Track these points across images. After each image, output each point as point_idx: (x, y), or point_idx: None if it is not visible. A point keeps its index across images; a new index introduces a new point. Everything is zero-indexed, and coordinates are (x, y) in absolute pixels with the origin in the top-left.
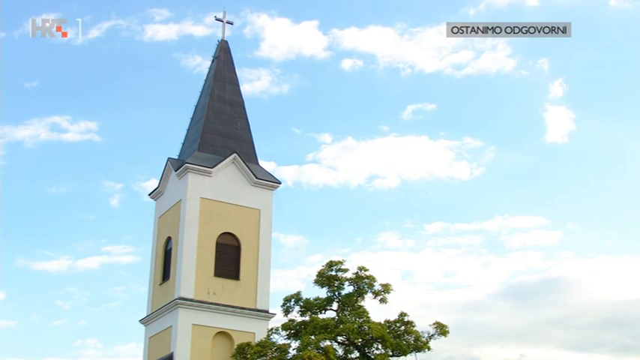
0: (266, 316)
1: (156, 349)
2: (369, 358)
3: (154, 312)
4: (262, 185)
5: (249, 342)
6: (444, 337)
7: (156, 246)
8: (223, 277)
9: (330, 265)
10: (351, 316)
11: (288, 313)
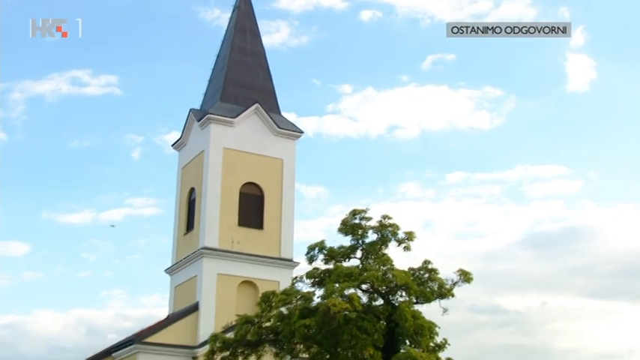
0: (290, 265)
1: (181, 299)
2: (393, 305)
3: (178, 262)
4: (284, 135)
5: (273, 290)
6: (467, 284)
7: (179, 196)
8: (247, 227)
9: (353, 214)
10: (375, 263)
11: (312, 261)
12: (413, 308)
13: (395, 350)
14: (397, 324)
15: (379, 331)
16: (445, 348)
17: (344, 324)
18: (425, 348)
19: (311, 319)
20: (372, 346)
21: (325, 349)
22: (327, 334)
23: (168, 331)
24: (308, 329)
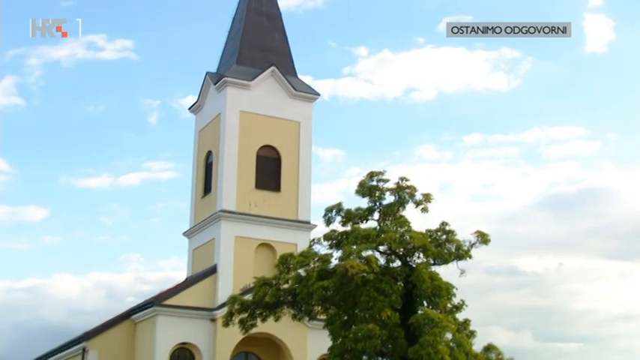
0: (307, 227)
1: (199, 261)
2: (411, 266)
3: (196, 225)
4: (301, 97)
5: (291, 252)
6: (485, 245)
7: (197, 160)
8: (264, 190)
9: (371, 176)
10: (393, 225)
11: (329, 223)
12: (430, 270)
13: (412, 311)
14: (415, 285)
15: (397, 292)
16: (462, 309)
17: (362, 285)
18: (442, 309)
19: (329, 281)
20: (389, 308)
21: (343, 311)
22: (344, 296)
23: (186, 294)
24: (326, 291)
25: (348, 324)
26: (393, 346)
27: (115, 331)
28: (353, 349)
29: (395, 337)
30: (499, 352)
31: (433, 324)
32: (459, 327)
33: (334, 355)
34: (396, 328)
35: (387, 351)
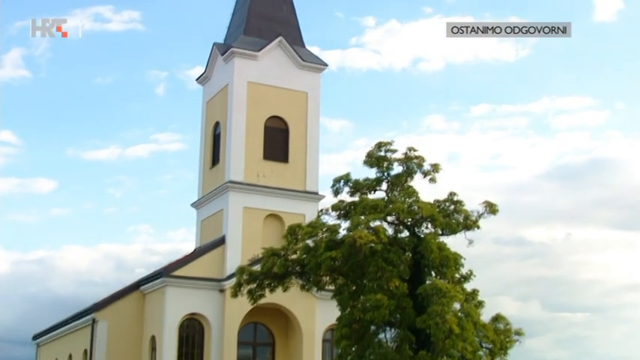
0: (315, 198)
1: (208, 232)
2: (419, 237)
3: (204, 196)
4: (309, 68)
5: (299, 223)
6: (493, 215)
7: (204, 131)
8: (272, 160)
9: (379, 146)
10: (401, 196)
11: (337, 194)
12: (438, 240)
13: (420, 281)
14: (423, 255)
15: (405, 262)
16: (470, 279)
17: (370, 256)
18: (450, 279)
19: (337, 252)
20: (397, 278)
21: (351, 281)
22: (353, 266)
23: (195, 265)
24: (334, 261)
25: (356, 294)
26: (401, 316)
27: (124, 302)
28: (361, 319)
29: (403, 307)
30: (507, 322)
31: (441, 294)
32: (467, 297)
33: (342, 325)
34: (404, 298)
35: (395, 321)
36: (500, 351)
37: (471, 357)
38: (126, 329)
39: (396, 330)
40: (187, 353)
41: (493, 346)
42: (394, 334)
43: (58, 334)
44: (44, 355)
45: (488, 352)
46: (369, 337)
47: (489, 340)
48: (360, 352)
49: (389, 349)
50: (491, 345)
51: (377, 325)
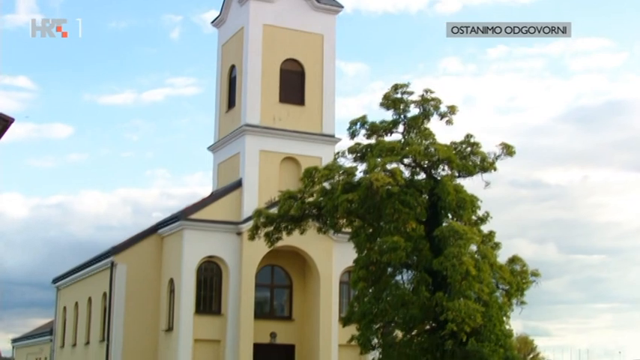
0: (332, 141)
1: (225, 176)
2: (436, 179)
3: (221, 139)
4: (324, 10)
5: (316, 166)
6: (510, 157)
7: (220, 74)
8: (288, 103)
9: (395, 88)
10: (417, 138)
11: (354, 136)
12: (455, 182)
13: (437, 223)
14: (439, 198)
15: (421, 204)
16: (487, 221)
17: (386, 198)
18: (467, 221)
19: (354, 194)
20: (414, 220)
21: (368, 223)
22: (369, 208)
23: (212, 208)
24: (351, 204)
25: (373, 236)
26: (417, 257)
27: (143, 245)
28: (378, 261)
29: (420, 249)
30: (524, 264)
31: (458, 236)
32: (483, 239)
33: (359, 267)
34: (420, 240)
35: (411, 263)
36: (516, 292)
37: (487, 298)
38: (144, 272)
39: (412, 272)
40: (205, 296)
41: (509, 288)
42: (411, 276)
43: (77, 277)
44: (64, 299)
45: (505, 293)
46: (385, 278)
47: (506, 282)
48: (377, 294)
49: (405, 290)
50: (508, 286)
51: (394, 267)
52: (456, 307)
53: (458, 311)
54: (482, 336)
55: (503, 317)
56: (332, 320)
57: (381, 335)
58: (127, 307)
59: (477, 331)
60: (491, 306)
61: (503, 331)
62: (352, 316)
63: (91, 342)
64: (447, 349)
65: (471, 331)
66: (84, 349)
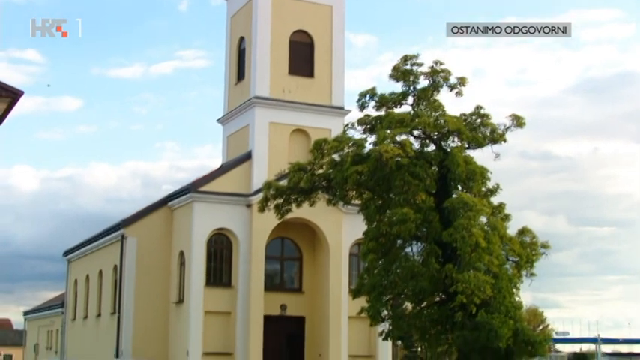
0: (341, 113)
1: (234, 148)
2: (445, 151)
3: (230, 111)
4: None
5: (325, 138)
6: (520, 128)
7: (229, 46)
8: (298, 75)
9: (405, 60)
10: (427, 109)
11: (363, 108)
12: (465, 154)
13: (447, 195)
14: (449, 169)
15: (431, 176)
16: (497, 193)
17: (396, 170)
18: (477, 193)
19: (363, 166)
20: (424, 192)
21: (377, 195)
22: (379, 181)
23: (222, 180)
24: (360, 176)
25: (382, 208)
26: (427, 229)
27: (153, 217)
28: (388, 233)
29: (429, 220)
30: (533, 236)
31: (467, 207)
32: (493, 211)
33: (369, 239)
34: (430, 212)
35: (421, 235)
36: (526, 264)
37: (497, 270)
38: (154, 245)
39: (422, 244)
40: (215, 268)
41: (519, 259)
42: (420, 248)
43: (88, 250)
44: (75, 271)
45: (515, 265)
46: (395, 250)
47: (515, 254)
48: (387, 266)
49: (415, 262)
50: (518, 258)
51: (403, 239)
52: (465, 278)
53: (467, 283)
54: (492, 307)
55: (512, 289)
56: (342, 292)
57: (390, 307)
58: (137, 280)
59: (486, 302)
60: (501, 278)
61: (513, 303)
62: (362, 288)
63: (102, 314)
64: (457, 321)
65: (481, 302)
66: (95, 322)
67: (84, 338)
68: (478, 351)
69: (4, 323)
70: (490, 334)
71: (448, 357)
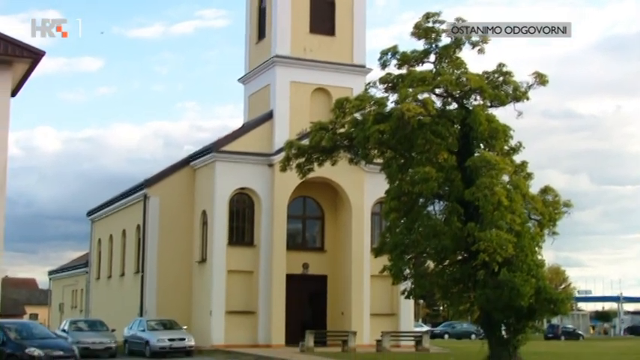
0: (363, 71)
1: (256, 107)
2: (467, 109)
3: (251, 70)
4: None
5: (347, 97)
6: (543, 86)
7: (250, 5)
8: (319, 34)
9: (427, 17)
10: (449, 67)
11: (385, 66)
12: (487, 112)
13: (469, 154)
14: (471, 128)
15: (453, 135)
16: (519, 151)
17: (418, 128)
18: (499, 151)
19: (385, 125)
20: (446, 150)
21: (399, 154)
22: (401, 139)
23: (244, 140)
24: (382, 134)
25: (404, 167)
26: (449, 188)
27: (175, 177)
28: (409, 192)
29: (451, 179)
30: (556, 194)
31: (490, 166)
32: (515, 169)
33: (391, 198)
34: (452, 170)
35: (443, 193)
36: (548, 223)
37: (519, 229)
38: (177, 204)
39: (444, 202)
40: (238, 227)
41: (542, 218)
42: (442, 207)
43: (111, 210)
44: (98, 231)
45: (537, 223)
46: (417, 209)
47: (538, 212)
48: (409, 225)
49: (437, 221)
50: (540, 217)
51: (425, 198)
52: (487, 237)
53: (490, 241)
54: (514, 266)
55: (535, 248)
56: (364, 251)
57: (412, 266)
58: (160, 239)
59: (508, 261)
60: (523, 236)
61: (535, 262)
62: (384, 246)
63: (126, 273)
64: (479, 280)
65: (503, 261)
66: (119, 281)
67: (108, 298)
68: (500, 309)
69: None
70: (512, 293)
71: (470, 315)
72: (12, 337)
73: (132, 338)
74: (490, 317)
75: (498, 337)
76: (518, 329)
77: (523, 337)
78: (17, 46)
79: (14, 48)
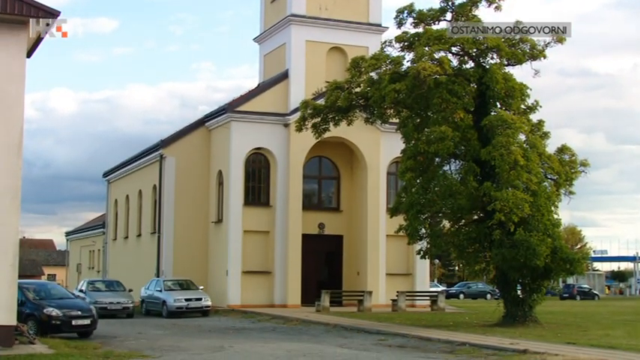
0: (379, 30)
1: (271, 67)
2: (484, 67)
3: (266, 30)
4: None
5: (362, 56)
6: (560, 44)
7: None
8: None
9: None
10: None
11: (401, 25)
12: (504, 70)
13: (485, 113)
14: (488, 86)
15: (470, 94)
16: (536, 110)
17: (434, 87)
18: (516, 110)
19: (401, 84)
20: (462, 109)
21: (415, 113)
22: (417, 98)
23: (259, 100)
24: (398, 94)
25: (420, 126)
26: (465, 147)
27: (191, 138)
28: (426, 152)
29: (468, 138)
30: (572, 154)
31: (506, 125)
32: (532, 128)
33: (407, 158)
34: (468, 129)
35: (459, 153)
36: (565, 182)
37: (535, 188)
38: (193, 164)
39: (460, 162)
40: (253, 187)
41: (558, 177)
42: (459, 166)
43: (127, 170)
44: (115, 192)
45: (553, 183)
46: (433, 169)
47: (554, 172)
48: (425, 184)
49: (453, 180)
50: (556, 176)
51: (441, 157)
52: (504, 196)
53: (506, 201)
54: (530, 226)
55: (551, 207)
56: (380, 211)
57: (428, 225)
58: (176, 199)
59: (524, 220)
60: (540, 196)
61: (551, 221)
62: (400, 206)
63: (143, 234)
64: (495, 239)
65: (519, 220)
66: (136, 241)
67: (125, 258)
68: (516, 269)
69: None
70: (528, 252)
71: (486, 275)
72: (30, 297)
73: (149, 298)
74: (506, 277)
75: (514, 296)
76: (534, 289)
77: (538, 296)
78: (32, 6)
79: (29, 8)
